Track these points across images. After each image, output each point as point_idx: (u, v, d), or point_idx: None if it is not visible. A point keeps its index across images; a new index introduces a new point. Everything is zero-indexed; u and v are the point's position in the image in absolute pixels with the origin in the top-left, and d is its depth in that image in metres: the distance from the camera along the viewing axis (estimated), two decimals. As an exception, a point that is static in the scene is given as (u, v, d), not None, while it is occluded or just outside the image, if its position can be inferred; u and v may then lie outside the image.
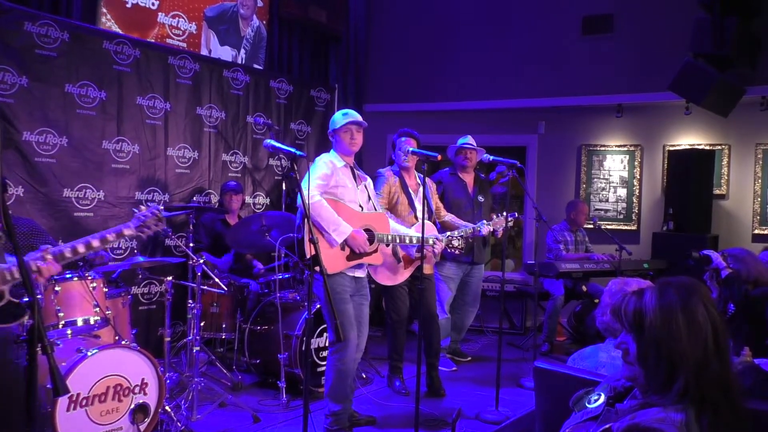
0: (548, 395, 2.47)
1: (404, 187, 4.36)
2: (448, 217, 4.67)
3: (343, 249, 3.46)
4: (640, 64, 6.29)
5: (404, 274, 4.10)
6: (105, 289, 3.52)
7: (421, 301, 4.06)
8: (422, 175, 4.28)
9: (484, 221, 4.37)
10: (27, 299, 2.43)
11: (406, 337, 4.51)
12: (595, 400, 1.60)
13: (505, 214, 4.28)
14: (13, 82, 4.21)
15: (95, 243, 2.25)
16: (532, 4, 6.83)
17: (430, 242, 3.84)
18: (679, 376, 1.35)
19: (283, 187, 5.93)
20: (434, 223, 4.41)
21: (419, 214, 4.15)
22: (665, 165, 6.49)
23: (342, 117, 3.63)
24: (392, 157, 4.47)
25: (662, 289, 1.42)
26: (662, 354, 1.37)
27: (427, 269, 4.36)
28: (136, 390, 3.21)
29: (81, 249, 2.21)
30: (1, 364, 2.11)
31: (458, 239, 4.03)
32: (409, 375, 4.53)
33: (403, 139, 4.30)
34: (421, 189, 4.32)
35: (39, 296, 3.15)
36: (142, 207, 2.48)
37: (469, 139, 5.04)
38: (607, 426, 1.43)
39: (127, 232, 2.37)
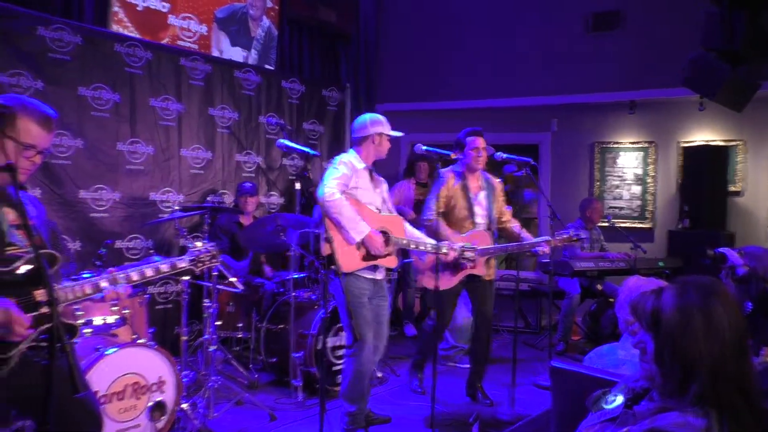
0: (564, 395, 2.47)
1: (465, 189, 4.10)
2: (513, 224, 4.27)
3: (359, 248, 3.46)
4: (652, 60, 6.24)
5: (452, 281, 3.98)
6: (122, 290, 3.55)
7: (477, 305, 4.05)
8: (489, 176, 4.18)
9: (547, 237, 4.10)
10: (45, 299, 2.47)
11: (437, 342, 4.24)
12: (613, 401, 1.59)
13: (572, 233, 4.10)
14: (28, 85, 4.25)
15: (149, 272, 2.35)
16: (540, 1, 6.80)
17: (443, 250, 3.68)
18: (695, 378, 1.34)
19: (297, 187, 5.94)
20: (492, 232, 4.16)
21: (479, 219, 4.07)
22: (680, 162, 6.44)
23: (385, 124, 3.63)
24: (457, 156, 4.14)
25: (681, 289, 1.41)
26: (678, 354, 1.36)
27: (489, 275, 4.14)
28: (154, 388, 3.24)
29: (135, 276, 2.30)
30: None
31: (471, 251, 3.80)
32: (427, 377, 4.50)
33: (470, 138, 4.06)
34: (483, 192, 4.14)
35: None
36: (198, 244, 2.55)
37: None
38: (625, 429, 1.42)
39: (180, 265, 2.45)
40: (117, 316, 3.42)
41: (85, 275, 3.37)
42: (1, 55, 4.12)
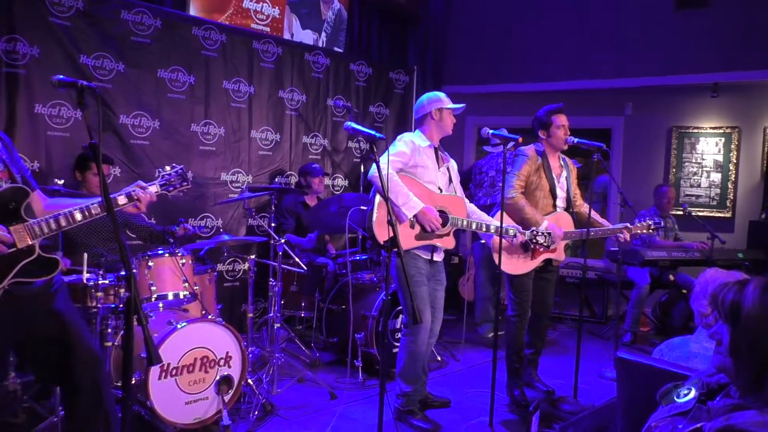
0: (631, 387, 2.40)
1: (548, 170, 3.87)
2: (586, 207, 3.98)
3: (412, 227, 3.42)
4: (739, 40, 5.87)
5: (530, 264, 3.80)
6: (193, 266, 3.69)
7: (539, 292, 3.89)
8: (564, 156, 4.03)
9: (627, 225, 3.94)
10: (124, 273, 2.60)
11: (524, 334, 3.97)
12: (685, 395, 1.53)
13: (649, 221, 4.02)
14: (111, 68, 4.46)
15: (121, 200, 2.38)
16: (621, -22, 6.51)
17: (510, 233, 3.55)
18: None
19: (362, 170, 5.99)
20: (571, 214, 3.98)
21: (560, 202, 3.90)
22: (766, 148, 6.07)
23: (444, 100, 3.59)
24: (540, 135, 3.92)
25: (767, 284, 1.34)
26: (755, 349, 1.32)
27: (559, 255, 3.92)
28: (221, 362, 3.36)
29: (96, 210, 2.31)
30: (43, 314, 2.28)
31: (544, 236, 3.61)
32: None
33: (555, 116, 3.86)
34: (564, 173, 3.98)
35: (134, 271, 3.36)
36: (167, 168, 2.60)
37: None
38: (698, 425, 1.37)
39: (151, 189, 2.50)
40: (188, 292, 3.56)
41: (159, 251, 3.55)
42: (89, 38, 4.34)
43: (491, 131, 3.44)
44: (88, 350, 2.35)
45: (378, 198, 3.36)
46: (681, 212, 5.76)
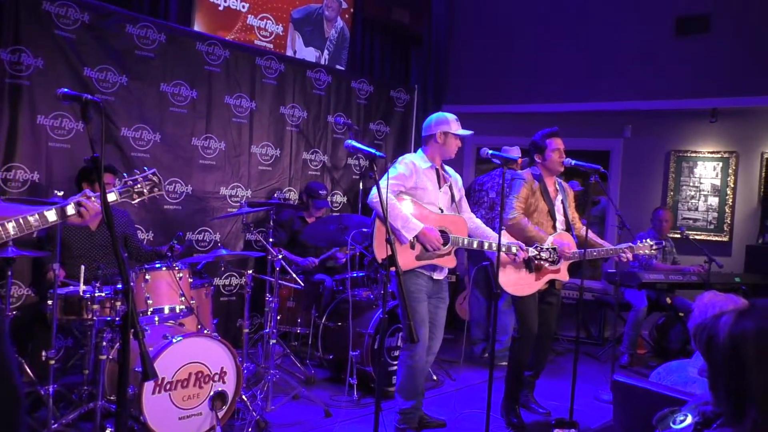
0: (628, 410, 2.40)
1: (545, 192, 3.91)
2: (584, 230, 3.94)
3: (413, 248, 3.44)
4: (738, 66, 5.94)
5: (534, 286, 3.81)
6: (190, 280, 3.68)
7: (543, 315, 3.87)
8: (561, 180, 4.07)
9: (630, 244, 3.96)
10: (121, 287, 2.57)
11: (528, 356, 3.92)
12: (681, 421, 1.53)
13: (650, 241, 4.02)
14: (114, 81, 4.48)
15: (59, 209, 2.25)
16: (621, 2, 6.59)
17: (513, 250, 3.56)
18: (749, 408, 1.28)
19: (361, 187, 6.01)
20: (573, 236, 3.98)
21: (559, 225, 3.91)
22: (763, 173, 6.10)
23: (452, 123, 3.59)
24: (536, 159, 3.94)
25: (742, 314, 1.34)
26: (730, 383, 1.31)
27: (563, 275, 3.92)
28: (216, 378, 3.34)
29: (33, 220, 2.19)
30: None
31: (549, 251, 3.61)
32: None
33: (549, 140, 3.86)
34: (559, 196, 4.00)
35: (131, 284, 3.35)
36: (137, 172, 2.46)
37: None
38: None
39: (112, 196, 2.42)
40: (184, 306, 3.55)
41: (157, 265, 3.55)
42: (93, 52, 4.36)
43: (490, 151, 3.45)
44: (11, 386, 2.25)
45: (378, 221, 3.38)
46: (678, 235, 5.78)
